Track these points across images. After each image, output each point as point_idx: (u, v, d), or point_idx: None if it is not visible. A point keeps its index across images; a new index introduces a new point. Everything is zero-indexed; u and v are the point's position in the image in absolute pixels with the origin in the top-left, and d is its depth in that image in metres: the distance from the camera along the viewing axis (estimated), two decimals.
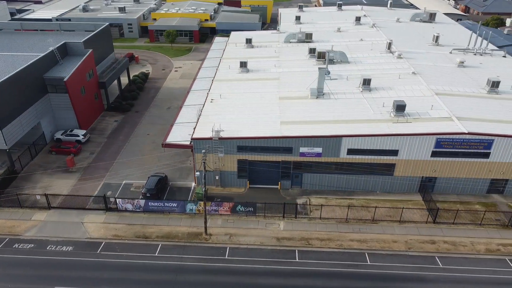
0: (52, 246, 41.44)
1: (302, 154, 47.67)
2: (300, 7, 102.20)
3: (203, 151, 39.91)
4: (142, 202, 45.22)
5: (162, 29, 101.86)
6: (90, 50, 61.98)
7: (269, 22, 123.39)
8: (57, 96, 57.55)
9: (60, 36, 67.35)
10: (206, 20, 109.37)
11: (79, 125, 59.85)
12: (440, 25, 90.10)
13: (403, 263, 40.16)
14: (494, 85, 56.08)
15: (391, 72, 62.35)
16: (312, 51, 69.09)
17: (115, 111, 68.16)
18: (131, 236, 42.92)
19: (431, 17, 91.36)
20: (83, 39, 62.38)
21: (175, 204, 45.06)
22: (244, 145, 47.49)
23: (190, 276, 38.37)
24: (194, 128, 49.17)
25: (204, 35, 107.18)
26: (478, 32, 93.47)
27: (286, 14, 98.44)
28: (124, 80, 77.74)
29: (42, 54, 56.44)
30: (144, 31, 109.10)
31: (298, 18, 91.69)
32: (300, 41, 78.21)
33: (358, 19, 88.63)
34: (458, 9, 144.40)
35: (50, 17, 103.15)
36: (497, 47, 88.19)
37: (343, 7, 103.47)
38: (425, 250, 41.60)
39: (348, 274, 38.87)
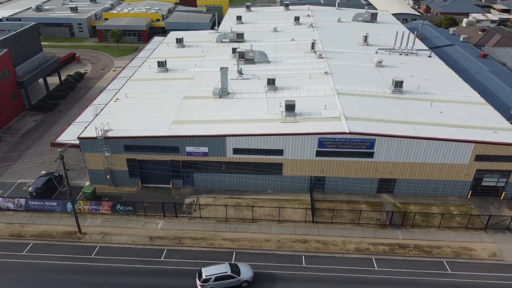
0: None
1: (189, 154, 47.84)
2: (248, 7, 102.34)
3: (59, 150, 39.66)
4: (23, 201, 45.42)
5: (110, 29, 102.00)
6: (5, 50, 62.17)
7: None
8: None
9: None
10: (158, 20, 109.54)
11: None
12: (381, 25, 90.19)
13: (268, 262, 40.31)
14: (398, 85, 56.22)
15: (304, 72, 62.48)
16: (235, 51, 69.29)
17: (38, 110, 68.38)
18: (6, 235, 43.07)
19: (373, 17, 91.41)
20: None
21: (55, 203, 45.27)
22: (131, 144, 47.66)
23: (53, 275, 38.56)
24: (85, 128, 49.43)
25: (155, 34, 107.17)
26: (419, 32, 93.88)
27: (230, 14, 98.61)
28: (56, 79, 78.10)
29: None
30: (96, 31, 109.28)
31: (239, 18, 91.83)
32: (232, 40, 78.42)
33: (297, 19, 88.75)
34: (420, 9, 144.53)
35: (0, 17, 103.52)
36: (437, 47, 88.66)
37: (291, 7, 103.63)
38: (294, 249, 41.73)
39: None
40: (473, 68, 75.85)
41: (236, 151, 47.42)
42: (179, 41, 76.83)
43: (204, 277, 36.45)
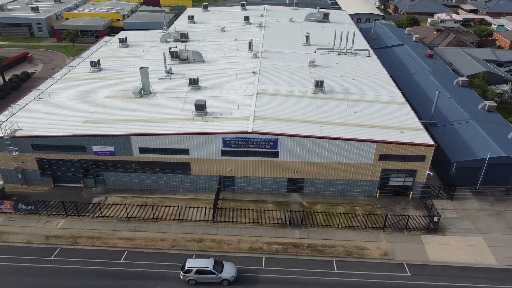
0: None
1: (96, 153, 48.00)
2: (205, 7, 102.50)
3: None
4: None
5: (68, 28, 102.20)
6: None
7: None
8: None
9: None
10: (118, 19, 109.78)
11: None
12: (333, 25, 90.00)
13: (158, 261, 40.43)
14: (319, 84, 56.36)
15: (234, 71, 62.54)
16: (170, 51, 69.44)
17: None
18: None
19: (325, 17, 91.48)
20: None
21: None
22: (39, 143, 47.85)
23: None
24: None
25: (115, 34, 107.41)
26: (372, 32, 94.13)
27: (186, 14, 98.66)
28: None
29: None
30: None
31: (191, 17, 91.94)
32: (176, 40, 78.50)
33: (247, 19, 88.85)
34: (389, 9, 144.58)
35: None
36: (387, 47, 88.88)
37: (249, 7, 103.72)
38: (187, 248, 41.88)
39: (96, 271, 39.12)
40: (415, 68, 75.94)
41: (143, 150, 47.57)
42: (122, 40, 76.97)
43: (186, 268, 37.18)
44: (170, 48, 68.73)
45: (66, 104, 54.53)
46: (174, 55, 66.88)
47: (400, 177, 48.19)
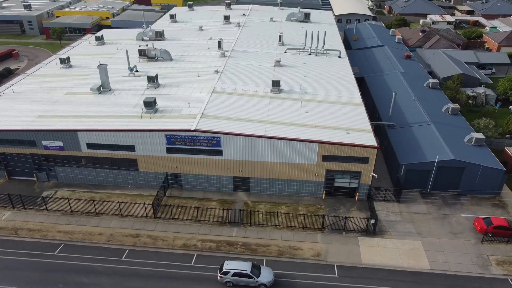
0: None
1: (46, 147, 49.00)
2: (190, 6, 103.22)
3: None
4: None
5: (56, 26, 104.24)
6: None
7: None
8: None
9: None
10: (107, 18, 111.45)
11: None
12: (313, 25, 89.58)
13: (91, 255, 41.15)
14: (275, 84, 56.39)
15: (197, 70, 62.94)
16: (140, 51, 70.03)
17: None
18: None
19: (306, 17, 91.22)
20: None
21: None
22: None
23: None
24: None
25: None
26: (353, 33, 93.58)
27: (170, 13, 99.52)
28: None
29: None
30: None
31: (173, 16, 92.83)
32: (152, 39, 79.32)
33: (227, 18, 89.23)
34: (384, 9, 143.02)
35: None
36: (367, 47, 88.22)
37: (234, 7, 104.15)
38: (122, 243, 42.46)
39: (28, 263, 40.04)
40: (388, 69, 75.13)
41: (90, 146, 48.38)
42: (99, 38, 78.26)
43: (224, 270, 37.31)
44: (139, 46, 69.60)
45: (26, 100, 55.71)
46: (142, 53, 67.60)
47: (345, 178, 47.91)
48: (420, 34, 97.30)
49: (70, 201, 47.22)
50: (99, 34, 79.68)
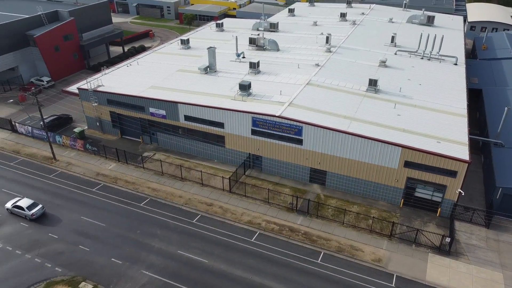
0: None
1: (152, 114, 55.51)
2: (311, 1, 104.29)
3: (33, 89, 51.04)
4: (29, 128, 59.13)
5: (187, 13, 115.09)
6: (71, 19, 78.33)
7: None
8: (35, 49, 75.32)
9: (51, 5, 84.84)
10: (234, 8, 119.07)
11: (50, 74, 76.89)
12: (437, 29, 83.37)
13: (169, 212, 45.88)
14: (372, 83, 54.62)
15: (298, 62, 64.23)
16: (251, 40, 73.70)
17: (93, 70, 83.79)
18: (9, 149, 57.20)
19: (429, 20, 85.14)
20: (69, 9, 79.12)
21: (50, 134, 57.76)
22: (112, 99, 57.43)
23: (24, 180, 50.88)
24: (87, 81, 60.86)
25: None
26: (483, 41, 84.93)
27: (289, 7, 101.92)
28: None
29: (26, 16, 74.68)
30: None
31: (291, 10, 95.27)
32: (266, 30, 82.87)
33: (343, 15, 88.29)
34: None
35: None
36: (496, 58, 79.55)
37: (354, 5, 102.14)
38: (197, 208, 46.37)
39: (118, 208, 46.51)
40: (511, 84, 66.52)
41: (187, 118, 53.42)
42: (219, 25, 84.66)
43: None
44: (251, 35, 73.52)
45: (145, 72, 63.62)
46: (252, 41, 71.42)
47: (427, 189, 44.67)
48: None
49: (162, 164, 53.21)
50: (219, 21, 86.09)
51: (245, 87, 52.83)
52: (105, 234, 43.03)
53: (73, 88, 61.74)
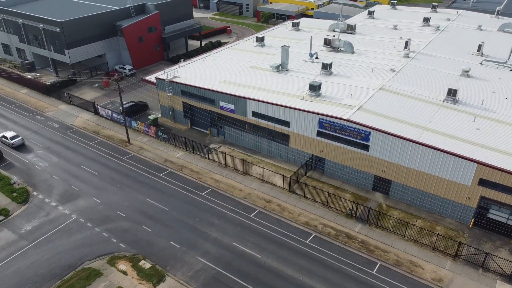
0: (53, 123, 64.43)
1: (222, 108, 57.09)
2: (393, 4, 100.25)
3: (116, 76, 54.55)
4: (109, 112, 63.76)
5: (265, 11, 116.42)
6: (157, 12, 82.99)
7: None
8: (122, 39, 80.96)
9: None
10: (312, 9, 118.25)
11: (132, 63, 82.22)
12: None
13: (228, 204, 47.00)
14: (451, 93, 51.26)
15: (373, 66, 62.18)
16: (326, 40, 72.54)
17: (172, 62, 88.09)
18: (91, 130, 62.21)
19: None
20: (155, 3, 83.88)
21: (127, 119, 61.81)
22: (185, 90, 60.00)
23: (100, 159, 55.18)
24: (164, 72, 64.04)
25: None
26: None
27: (368, 9, 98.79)
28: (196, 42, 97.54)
29: (117, 8, 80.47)
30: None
31: (371, 13, 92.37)
32: (342, 31, 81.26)
33: (426, 20, 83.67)
34: None
35: None
36: None
37: (440, 10, 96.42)
38: (255, 203, 46.95)
39: (181, 195, 48.59)
40: None
41: (254, 114, 54.23)
42: (295, 25, 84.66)
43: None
44: (326, 36, 72.59)
45: (219, 66, 65.58)
46: (327, 42, 70.54)
47: (503, 212, 41.08)
48: None
49: (227, 157, 54.61)
50: (296, 21, 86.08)
51: (315, 88, 52.39)
52: (167, 217, 45.27)
53: (151, 78, 65.51)
